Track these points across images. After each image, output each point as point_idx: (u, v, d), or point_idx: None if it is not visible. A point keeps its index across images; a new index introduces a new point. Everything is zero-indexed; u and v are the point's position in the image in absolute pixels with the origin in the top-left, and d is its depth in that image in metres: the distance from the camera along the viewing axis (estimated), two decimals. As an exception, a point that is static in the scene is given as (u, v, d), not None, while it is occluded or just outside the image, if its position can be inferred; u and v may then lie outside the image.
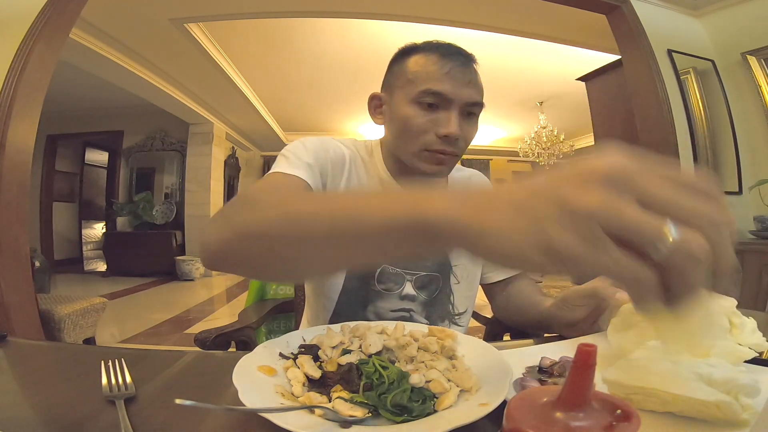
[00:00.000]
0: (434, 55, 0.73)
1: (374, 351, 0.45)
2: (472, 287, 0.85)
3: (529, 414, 0.23)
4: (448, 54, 0.73)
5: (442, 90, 0.70)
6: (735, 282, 0.23)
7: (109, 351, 0.52)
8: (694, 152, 2.46)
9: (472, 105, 0.73)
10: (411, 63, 0.74)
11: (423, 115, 0.72)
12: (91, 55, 3.32)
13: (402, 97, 0.74)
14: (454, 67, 0.71)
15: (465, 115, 0.73)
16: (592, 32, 3.05)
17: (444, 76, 0.71)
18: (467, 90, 0.72)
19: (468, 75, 0.72)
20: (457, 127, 0.71)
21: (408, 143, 0.74)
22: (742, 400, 0.32)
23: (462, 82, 0.71)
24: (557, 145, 6.51)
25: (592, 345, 0.22)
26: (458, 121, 0.71)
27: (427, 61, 0.73)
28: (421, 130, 0.72)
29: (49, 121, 4.11)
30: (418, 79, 0.72)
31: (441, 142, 0.72)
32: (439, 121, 0.71)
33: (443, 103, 0.71)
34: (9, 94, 1.59)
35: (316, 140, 0.77)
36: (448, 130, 0.70)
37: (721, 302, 0.44)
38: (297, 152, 0.72)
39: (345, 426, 0.34)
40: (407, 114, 0.72)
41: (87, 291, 4.41)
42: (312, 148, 0.74)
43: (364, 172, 0.80)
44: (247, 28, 3.52)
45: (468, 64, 0.73)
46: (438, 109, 0.71)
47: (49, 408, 0.39)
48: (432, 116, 0.72)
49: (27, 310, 1.68)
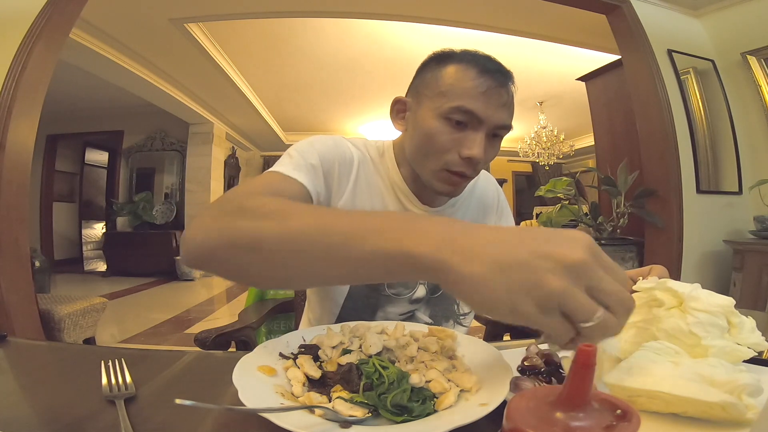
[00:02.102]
0: (473, 71, 0.68)
1: (374, 352, 0.45)
2: None
3: (529, 414, 0.23)
4: (488, 71, 0.68)
5: (474, 109, 0.66)
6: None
7: (109, 351, 0.52)
8: (694, 152, 2.46)
9: (500, 128, 0.70)
10: (445, 74, 0.69)
11: (449, 132, 0.68)
12: (91, 55, 3.32)
13: (430, 108, 0.69)
14: (491, 87, 0.67)
15: (491, 137, 0.70)
16: (592, 32, 3.05)
17: (480, 95, 0.66)
18: (500, 113, 0.68)
19: (504, 97, 0.68)
20: (482, 151, 0.67)
21: (428, 159, 0.70)
22: (746, 400, 0.32)
23: (497, 104, 0.67)
24: (557, 145, 6.52)
25: (592, 345, 0.22)
26: (484, 143, 0.68)
27: (464, 76, 0.68)
28: (445, 149, 0.68)
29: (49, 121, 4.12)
30: (451, 93, 0.67)
31: (462, 163, 0.68)
32: (465, 141, 0.67)
33: (473, 123, 0.67)
34: (9, 94, 1.59)
35: (326, 140, 0.74)
36: (472, 152, 0.66)
37: (718, 301, 0.44)
38: (303, 152, 0.69)
39: (345, 426, 0.34)
40: (433, 128, 0.68)
41: (87, 291, 4.41)
42: (320, 149, 0.71)
43: (374, 173, 0.77)
44: (247, 28, 3.52)
45: (506, 84, 0.69)
46: (466, 128, 0.68)
47: (49, 408, 0.39)
48: (458, 135, 0.68)
49: (27, 310, 1.68)
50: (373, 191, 0.76)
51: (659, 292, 0.46)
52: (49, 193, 5.76)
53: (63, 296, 2.43)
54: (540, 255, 0.29)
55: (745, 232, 2.47)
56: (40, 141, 2.68)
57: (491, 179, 0.94)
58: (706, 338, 0.41)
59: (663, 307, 0.45)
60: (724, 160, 2.57)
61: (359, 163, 0.76)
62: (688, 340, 0.41)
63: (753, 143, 2.58)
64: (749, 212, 2.52)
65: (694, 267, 2.43)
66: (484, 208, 0.88)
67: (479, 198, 0.88)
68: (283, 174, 0.63)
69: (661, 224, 2.40)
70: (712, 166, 2.52)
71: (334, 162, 0.72)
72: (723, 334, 0.42)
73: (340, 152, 0.73)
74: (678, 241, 2.37)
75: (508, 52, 4.05)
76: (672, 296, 0.45)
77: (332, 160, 0.72)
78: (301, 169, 0.66)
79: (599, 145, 3.41)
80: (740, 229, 2.51)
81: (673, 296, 0.45)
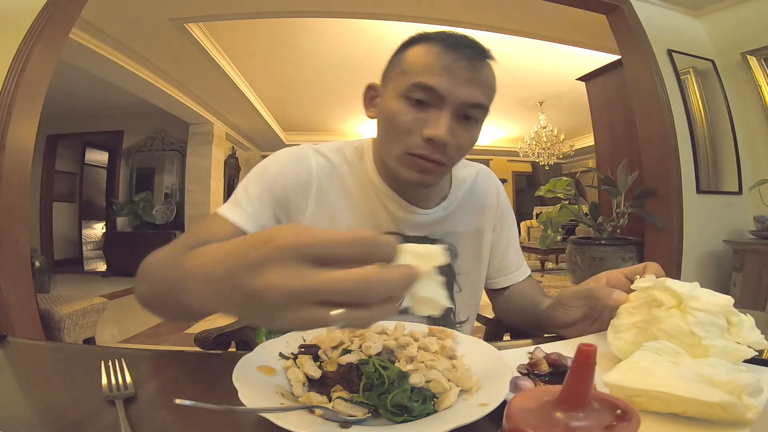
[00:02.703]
0: (437, 46, 0.63)
1: (374, 352, 0.45)
2: (476, 295, 0.82)
3: (529, 414, 0.23)
4: (453, 46, 0.63)
5: (434, 85, 0.61)
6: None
7: (109, 351, 0.52)
8: (694, 152, 2.46)
9: (470, 107, 0.63)
10: (410, 53, 0.66)
11: (411, 112, 0.63)
12: (91, 55, 3.31)
13: (392, 89, 0.66)
14: (455, 61, 0.61)
15: (461, 118, 0.64)
16: (592, 32, 3.05)
17: (440, 69, 0.61)
18: (466, 89, 0.62)
19: (471, 71, 0.62)
20: (446, 131, 0.61)
21: (392, 143, 0.66)
22: (746, 400, 0.32)
23: (461, 79, 0.61)
24: (557, 145, 6.52)
25: (592, 345, 0.22)
26: (449, 123, 0.62)
27: (427, 52, 0.63)
28: (406, 130, 0.63)
29: (49, 121, 4.12)
30: (411, 70, 0.63)
31: (425, 145, 0.62)
32: (427, 121, 0.62)
33: (435, 101, 0.62)
34: (9, 94, 1.59)
35: (279, 163, 0.71)
36: (434, 132, 0.61)
37: (717, 300, 0.44)
38: (249, 187, 0.68)
39: (345, 426, 0.34)
40: (393, 109, 0.64)
41: (87, 291, 4.40)
42: (269, 177, 0.69)
43: (350, 180, 0.73)
44: (247, 28, 3.52)
45: (476, 59, 0.63)
46: (429, 107, 0.63)
47: (49, 408, 0.39)
48: (420, 115, 0.63)
49: (27, 310, 1.68)
50: (348, 201, 0.72)
51: (658, 292, 0.46)
52: (49, 193, 5.75)
53: (63, 296, 2.43)
54: (245, 262, 0.30)
55: (745, 232, 2.47)
56: (40, 141, 2.68)
57: (492, 178, 0.88)
58: (707, 338, 0.41)
59: (663, 307, 0.45)
60: (724, 160, 2.57)
61: (320, 178, 0.71)
62: (689, 340, 0.42)
63: (753, 143, 2.58)
64: (749, 212, 2.52)
65: (694, 267, 2.42)
66: (481, 210, 0.82)
67: (477, 199, 0.82)
68: (220, 216, 0.66)
69: (661, 224, 2.40)
70: (712, 166, 2.52)
71: (285, 188, 0.69)
72: (723, 333, 0.42)
73: (293, 176, 0.70)
74: (678, 241, 2.37)
75: (508, 52, 4.05)
76: (671, 296, 0.45)
77: (283, 186, 0.69)
78: (242, 207, 0.66)
79: (599, 145, 3.41)
80: (740, 229, 2.51)
81: (673, 296, 0.45)
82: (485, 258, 0.83)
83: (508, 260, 0.85)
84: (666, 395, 0.33)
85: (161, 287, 0.44)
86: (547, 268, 6.02)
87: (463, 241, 0.79)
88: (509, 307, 0.84)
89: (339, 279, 0.27)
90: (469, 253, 0.80)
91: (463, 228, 0.79)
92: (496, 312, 0.89)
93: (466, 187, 0.81)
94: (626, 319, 0.48)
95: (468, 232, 0.80)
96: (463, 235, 0.79)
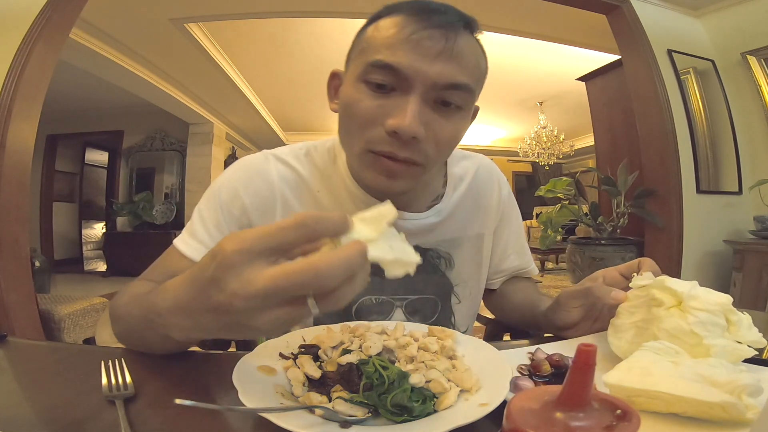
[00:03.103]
0: (400, 16, 0.50)
1: (374, 352, 0.45)
2: (475, 304, 0.76)
3: (529, 414, 0.23)
4: (420, 13, 0.50)
5: (393, 62, 0.48)
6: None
7: (109, 351, 0.52)
8: (694, 152, 2.46)
9: (446, 88, 0.50)
10: (372, 27, 0.54)
11: (371, 98, 0.51)
12: (91, 55, 3.31)
13: (351, 73, 0.54)
14: (420, 30, 0.48)
15: (438, 104, 0.51)
16: (592, 32, 3.05)
17: (402, 42, 0.48)
18: (437, 65, 0.48)
19: (443, 42, 0.49)
20: (413, 120, 0.48)
21: (352, 138, 0.54)
22: (746, 400, 0.32)
23: (430, 53, 0.48)
24: (557, 145, 6.53)
25: (592, 345, 0.22)
26: (417, 110, 0.49)
27: (388, 24, 0.51)
28: (366, 121, 0.51)
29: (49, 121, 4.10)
30: (370, 47, 0.51)
31: (390, 140, 0.50)
32: (391, 109, 0.50)
33: (399, 84, 0.50)
34: (9, 94, 1.59)
35: (229, 190, 0.62)
36: (397, 122, 0.48)
37: (717, 299, 0.44)
38: (205, 215, 0.62)
39: (345, 426, 0.34)
40: (350, 97, 0.52)
41: (87, 291, 4.40)
42: (224, 203, 0.62)
43: (322, 191, 0.64)
44: (247, 28, 3.52)
45: (450, 28, 0.50)
46: (393, 91, 0.50)
47: (49, 408, 0.38)
48: (383, 102, 0.50)
49: (27, 310, 1.68)
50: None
51: (657, 291, 0.46)
52: (49, 193, 5.75)
53: (63, 296, 2.43)
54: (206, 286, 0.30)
55: (745, 232, 2.47)
56: (40, 141, 2.68)
57: (493, 173, 0.77)
58: (708, 337, 0.41)
59: (662, 306, 0.45)
60: (724, 160, 2.57)
61: (284, 191, 0.63)
62: (690, 340, 0.41)
63: (753, 143, 2.58)
64: (749, 212, 2.52)
65: (694, 267, 2.42)
66: (481, 213, 0.73)
67: (477, 200, 0.72)
68: (176, 249, 0.62)
69: (661, 224, 2.40)
70: (712, 166, 2.52)
71: (245, 211, 0.62)
72: (723, 332, 0.42)
73: (251, 195, 0.62)
74: (678, 241, 2.37)
75: (508, 52, 4.05)
76: (671, 295, 0.45)
77: (242, 209, 0.62)
78: (197, 238, 0.61)
79: (599, 145, 3.41)
80: (740, 229, 2.51)
81: (672, 295, 0.45)
82: (485, 264, 0.75)
83: (507, 263, 0.78)
84: (666, 395, 0.33)
85: (140, 326, 0.43)
86: (547, 268, 6.02)
87: (460, 248, 0.70)
88: (504, 304, 0.79)
89: (288, 272, 0.26)
90: (468, 261, 0.71)
91: (461, 234, 0.70)
92: (489, 307, 0.84)
93: (464, 186, 0.71)
94: (626, 319, 0.48)
95: (466, 238, 0.71)
96: (460, 241, 0.70)
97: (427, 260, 0.69)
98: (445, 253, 0.69)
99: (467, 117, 0.56)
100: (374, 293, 0.66)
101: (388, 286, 0.66)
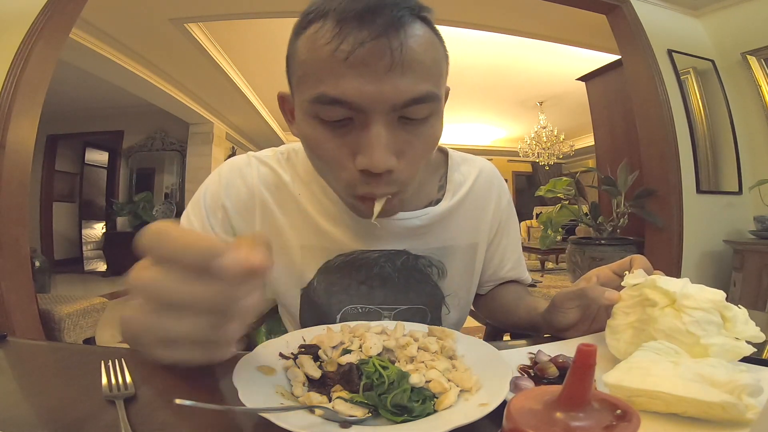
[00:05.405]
0: (328, 24, 0.43)
1: (374, 353, 0.45)
2: (464, 313, 0.74)
3: (529, 414, 0.23)
4: (353, 16, 0.41)
5: (341, 96, 0.43)
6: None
7: (109, 351, 0.52)
8: (694, 152, 2.46)
9: (407, 105, 0.45)
10: (301, 41, 0.46)
11: (330, 140, 0.47)
12: (91, 55, 3.32)
13: (299, 104, 0.49)
14: (359, 45, 0.41)
15: (403, 121, 0.46)
16: (592, 32, 3.05)
17: (342, 65, 0.42)
18: (389, 83, 0.42)
19: (390, 54, 0.42)
20: (383, 154, 0.44)
21: (325, 176, 0.53)
22: (746, 400, 0.32)
23: (378, 71, 0.42)
24: (557, 145, 6.53)
25: (592, 345, 0.22)
26: (385, 141, 0.44)
27: (318, 37, 0.43)
28: (335, 164, 0.48)
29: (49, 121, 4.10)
30: (306, 74, 0.45)
31: (365, 179, 0.47)
32: (357, 146, 0.46)
33: (357, 115, 0.45)
34: (9, 94, 1.59)
35: (212, 193, 0.62)
36: (366, 160, 0.45)
37: (710, 296, 0.43)
38: (191, 218, 0.62)
39: (345, 426, 0.34)
40: (308, 136, 0.48)
41: (87, 291, 4.40)
42: (209, 205, 0.62)
43: (305, 196, 0.62)
44: (247, 28, 3.52)
45: (392, 31, 0.42)
46: (350, 123, 0.46)
47: (49, 408, 0.39)
48: (345, 139, 0.46)
49: (27, 310, 1.68)
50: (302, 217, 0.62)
51: (649, 291, 0.46)
52: (49, 193, 5.76)
53: (63, 296, 2.43)
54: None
55: (745, 232, 2.47)
56: (40, 141, 2.68)
57: (494, 181, 0.74)
58: (705, 336, 0.41)
59: (656, 306, 0.45)
60: (724, 160, 2.57)
61: (263, 192, 0.62)
62: (687, 340, 0.41)
63: (753, 143, 2.59)
64: (749, 212, 2.53)
65: (694, 267, 2.43)
66: (478, 222, 0.70)
67: (475, 208, 0.70)
68: None
69: (661, 224, 2.40)
70: (712, 166, 2.52)
71: (227, 213, 0.62)
72: (720, 330, 0.42)
73: (232, 196, 0.62)
74: (678, 241, 2.37)
75: (508, 52, 4.05)
76: (663, 295, 0.45)
77: (224, 211, 0.62)
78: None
79: (599, 145, 3.41)
80: (740, 229, 2.51)
81: (665, 295, 0.45)
82: (477, 275, 0.73)
83: (503, 273, 0.77)
84: (666, 395, 0.33)
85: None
86: (547, 268, 6.02)
87: (453, 257, 0.68)
88: (493, 306, 0.78)
89: (140, 277, 0.32)
90: (461, 271, 0.70)
91: (455, 243, 0.68)
92: (477, 308, 0.82)
93: (462, 193, 0.68)
94: (622, 320, 0.48)
95: (461, 247, 0.68)
96: (454, 250, 0.68)
97: (418, 268, 0.66)
98: (437, 262, 0.67)
99: (439, 118, 0.51)
100: (360, 302, 0.65)
101: (376, 296, 0.65)
